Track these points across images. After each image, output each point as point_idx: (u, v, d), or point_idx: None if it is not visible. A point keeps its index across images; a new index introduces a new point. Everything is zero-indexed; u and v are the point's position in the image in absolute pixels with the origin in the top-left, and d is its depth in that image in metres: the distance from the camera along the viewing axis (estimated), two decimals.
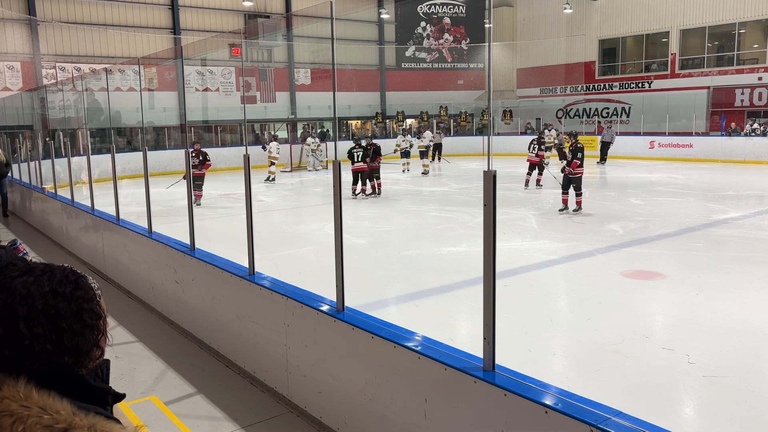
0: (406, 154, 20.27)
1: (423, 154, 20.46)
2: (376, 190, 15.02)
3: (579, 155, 11.68)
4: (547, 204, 13.45)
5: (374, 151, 14.97)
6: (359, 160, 14.57)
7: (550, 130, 23.42)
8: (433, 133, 23.03)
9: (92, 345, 1.16)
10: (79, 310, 1.14)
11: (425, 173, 19.80)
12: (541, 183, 15.67)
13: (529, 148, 15.89)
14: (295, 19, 28.78)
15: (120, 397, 1.21)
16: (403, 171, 20.16)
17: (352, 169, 14.55)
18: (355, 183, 14.71)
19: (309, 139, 22.69)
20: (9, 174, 14.49)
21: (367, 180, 14.88)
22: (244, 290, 4.75)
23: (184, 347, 5.53)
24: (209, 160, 14.21)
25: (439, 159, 24.40)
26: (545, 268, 7.92)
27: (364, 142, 15.06)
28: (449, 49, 33.28)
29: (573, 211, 11.79)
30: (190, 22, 27.68)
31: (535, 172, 15.56)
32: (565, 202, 11.87)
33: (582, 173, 11.78)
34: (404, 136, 20.99)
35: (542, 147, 15.97)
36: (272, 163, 18.45)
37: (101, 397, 1.15)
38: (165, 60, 23.85)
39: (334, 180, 3.78)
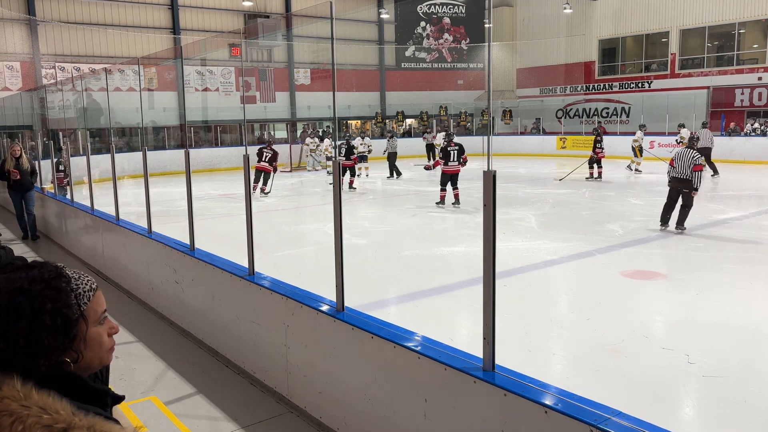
0: (362, 158, 19.63)
1: (363, 159, 19.53)
2: (352, 185, 16.40)
3: (448, 155, 13.03)
4: (547, 204, 13.45)
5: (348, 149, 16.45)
6: (265, 160, 15.27)
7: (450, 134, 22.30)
8: (391, 138, 21.21)
9: (54, 348, 1.10)
10: (40, 310, 1.09)
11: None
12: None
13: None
14: (295, 19, 28.80)
15: (119, 399, 1.20)
16: (362, 175, 19.47)
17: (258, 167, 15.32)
18: (256, 180, 15.21)
19: (308, 140, 22.67)
20: (37, 183, 11.17)
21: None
22: (244, 290, 4.75)
23: (184, 347, 5.52)
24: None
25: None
26: (545, 268, 7.91)
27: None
28: (449, 49, 33.28)
29: (453, 204, 12.77)
30: (190, 22, 27.68)
31: None
32: (442, 197, 12.91)
33: (459, 170, 12.98)
34: (362, 139, 20.34)
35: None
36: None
37: (101, 398, 1.15)
38: (165, 60, 23.84)
39: (333, 180, 3.78)
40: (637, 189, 15.70)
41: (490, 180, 2.80)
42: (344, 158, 16.16)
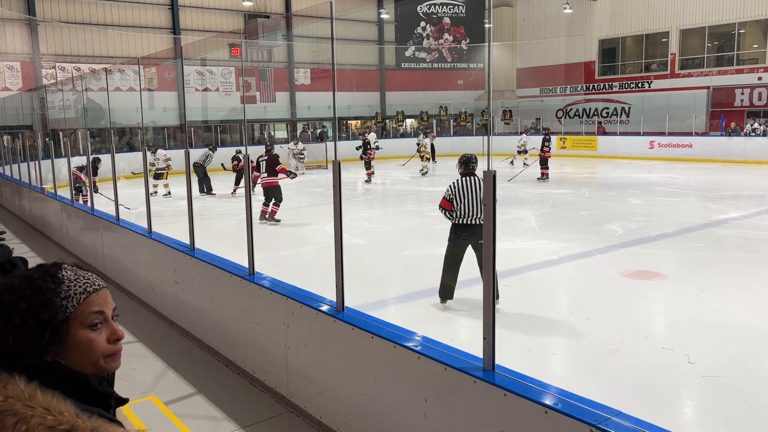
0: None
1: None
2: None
3: (261, 168, 11.47)
4: (547, 204, 13.45)
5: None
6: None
7: (427, 136, 22.62)
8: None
9: (26, 349, 1.09)
10: (11, 311, 1.09)
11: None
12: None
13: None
14: (295, 19, 28.79)
15: (123, 401, 1.21)
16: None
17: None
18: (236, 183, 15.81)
19: (291, 143, 22.35)
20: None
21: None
22: (244, 290, 4.75)
23: (184, 347, 5.53)
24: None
25: (433, 160, 24.33)
26: (545, 268, 7.91)
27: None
28: (449, 49, 33.27)
29: (267, 220, 11.47)
30: (190, 22, 27.67)
31: None
32: (264, 212, 11.53)
33: (276, 183, 11.43)
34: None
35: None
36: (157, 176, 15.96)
37: (105, 401, 1.15)
38: (165, 60, 23.86)
39: (333, 180, 3.78)
40: (637, 189, 15.69)
41: (490, 180, 2.80)
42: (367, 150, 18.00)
